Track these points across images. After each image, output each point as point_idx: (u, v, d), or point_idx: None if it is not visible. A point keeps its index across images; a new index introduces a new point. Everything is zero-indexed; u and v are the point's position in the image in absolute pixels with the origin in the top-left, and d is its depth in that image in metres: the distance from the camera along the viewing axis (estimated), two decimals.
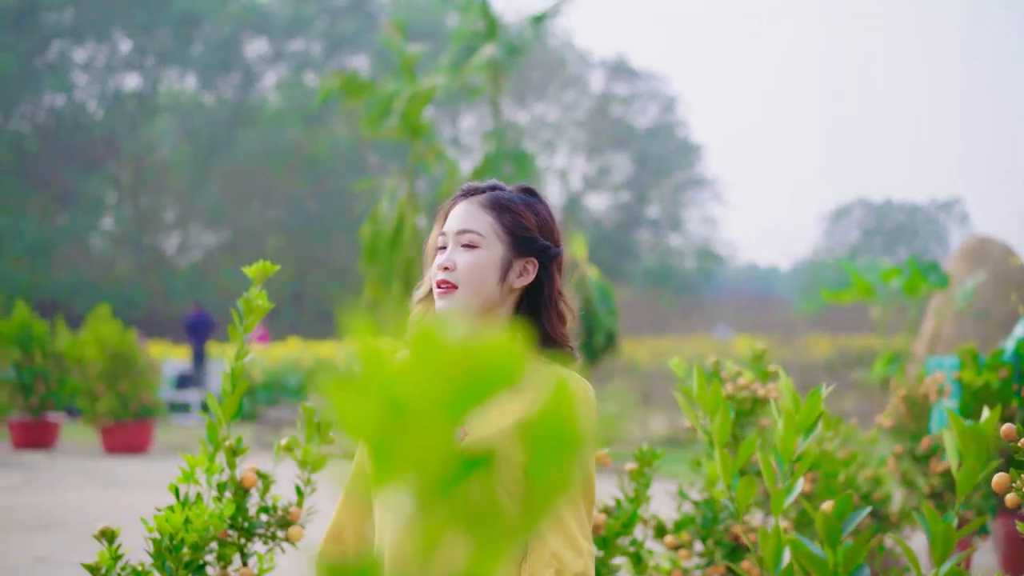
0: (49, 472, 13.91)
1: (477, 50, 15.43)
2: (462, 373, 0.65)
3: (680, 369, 4.23)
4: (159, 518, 2.77)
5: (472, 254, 2.46)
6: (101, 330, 16.50)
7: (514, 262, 2.50)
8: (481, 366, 0.65)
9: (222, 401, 2.94)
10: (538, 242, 2.53)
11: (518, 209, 2.53)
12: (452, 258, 2.47)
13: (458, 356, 0.66)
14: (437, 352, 0.66)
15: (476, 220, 2.50)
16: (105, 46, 46.87)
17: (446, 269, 2.46)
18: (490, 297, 2.47)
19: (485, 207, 2.52)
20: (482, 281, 2.46)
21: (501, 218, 2.51)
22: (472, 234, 2.48)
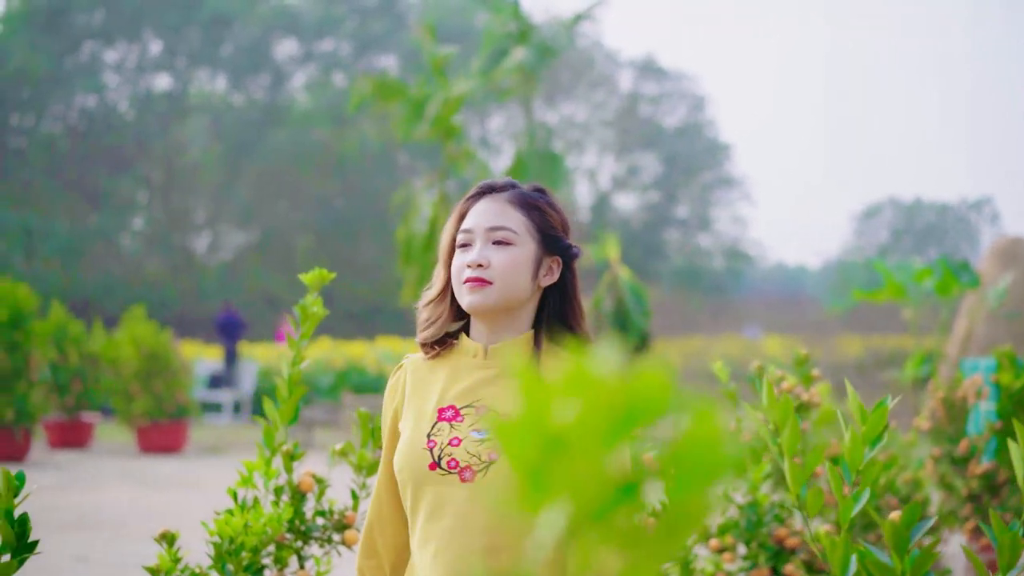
0: (86, 472, 14.03)
1: (509, 52, 15.46)
2: (616, 405, 0.68)
3: (723, 374, 4.26)
4: (219, 522, 2.82)
5: (508, 251, 2.47)
6: (136, 331, 16.64)
7: (543, 260, 2.52)
8: (633, 399, 0.69)
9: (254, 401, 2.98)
10: (563, 241, 2.55)
11: (545, 208, 2.55)
12: (485, 255, 2.46)
13: (611, 389, 0.69)
14: (591, 385, 0.69)
15: (508, 217, 2.50)
16: (136, 47, 47.11)
17: (480, 266, 2.45)
18: (522, 295, 2.49)
19: (514, 204, 2.53)
20: (517, 278, 2.47)
21: (531, 215, 2.52)
22: (506, 231, 2.48)
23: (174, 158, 45.86)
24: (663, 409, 0.67)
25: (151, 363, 16.42)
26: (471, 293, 2.46)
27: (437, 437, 2.41)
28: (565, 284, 2.56)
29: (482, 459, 2.36)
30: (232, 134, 45.08)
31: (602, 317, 15.28)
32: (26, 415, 14.75)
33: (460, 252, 2.51)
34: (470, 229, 2.51)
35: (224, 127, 45.51)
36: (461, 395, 2.47)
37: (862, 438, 1.82)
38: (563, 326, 2.55)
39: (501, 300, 2.46)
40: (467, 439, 2.39)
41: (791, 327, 27.10)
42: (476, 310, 2.47)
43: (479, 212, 2.53)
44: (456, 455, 2.38)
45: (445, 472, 2.37)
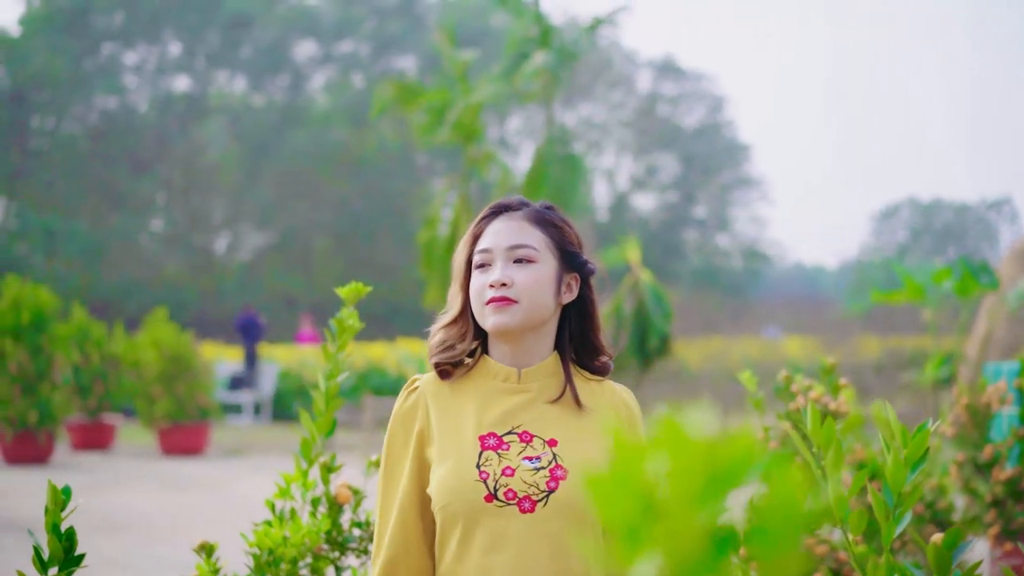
0: (109, 473, 14.11)
1: (529, 56, 15.49)
2: (708, 466, 0.72)
3: (751, 383, 4.29)
4: (259, 533, 2.86)
5: (531, 270, 2.44)
6: (158, 333, 16.73)
7: (563, 277, 2.51)
8: (725, 459, 0.72)
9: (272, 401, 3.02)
10: (580, 257, 2.54)
11: (561, 224, 2.54)
12: (508, 274, 2.43)
13: (704, 450, 0.72)
14: (684, 446, 0.73)
15: (529, 235, 2.48)
16: (156, 48, 47.29)
17: (504, 285, 2.42)
18: (546, 313, 2.46)
19: (532, 222, 2.51)
20: (541, 296, 2.44)
21: (550, 233, 2.51)
22: (528, 249, 2.46)
23: (194, 159, 46.02)
24: (751, 471, 0.70)
25: (173, 365, 16.51)
26: (496, 314, 2.43)
27: (488, 468, 2.36)
28: (584, 301, 2.55)
29: (541, 488, 2.33)
30: (251, 135, 45.21)
31: (623, 320, 15.29)
32: (49, 417, 14.84)
33: (479, 273, 2.48)
34: (488, 249, 2.48)
35: (243, 128, 45.64)
36: (499, 421, 2.43)
37: (905, 461, 1.85)
38: (584, 344, 2.55)
39: (527, 320, 2.43)
40: (521, 468, 2.36)
41: (810, 328, 27.04)
42: (501, 331, 2.44)
43: (497, 231, 2.50)
44: (512, 485, 2.34)
45: (503, 504, 2.33)
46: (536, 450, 2.38)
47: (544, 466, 2.36)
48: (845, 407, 4.53)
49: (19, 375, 14.71)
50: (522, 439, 2.40)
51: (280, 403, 22.72)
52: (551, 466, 2.35)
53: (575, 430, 2.43)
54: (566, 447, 2.39)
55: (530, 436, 2.40)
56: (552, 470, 2.35)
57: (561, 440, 2.40)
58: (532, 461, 2.36)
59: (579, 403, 2.45)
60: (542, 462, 2.36)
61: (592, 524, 2.34)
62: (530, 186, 15.60)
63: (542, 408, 2.44)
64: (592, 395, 2.50)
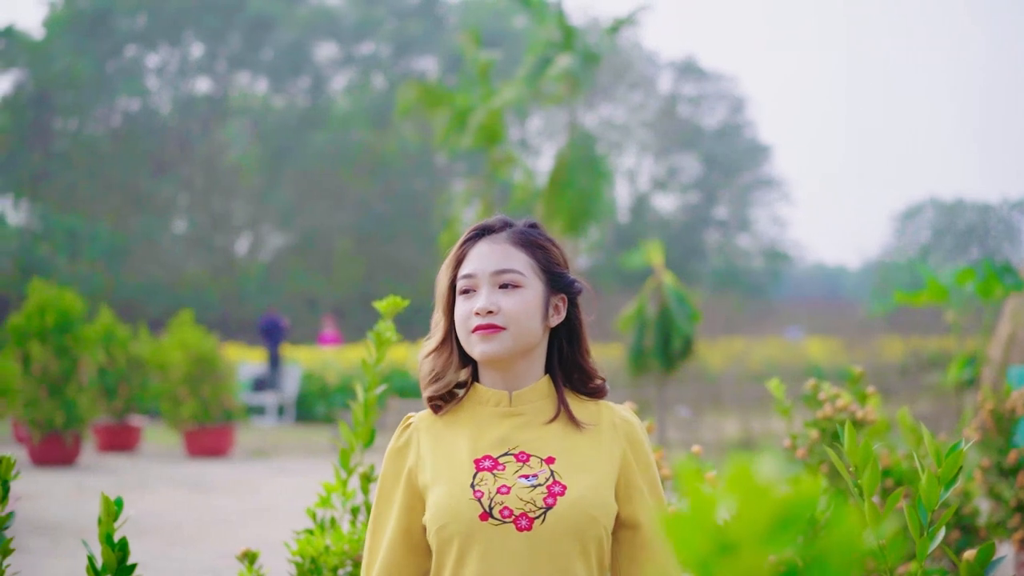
0: (136, 476, 14.21)
1: (552, 59, 15.55)
2: (775, 510, 0.78)
3: (779, 391, 4.34)
4: (302, 542, 2.93)
5: (517, 295, 2.39)
6: (184, 335, 16.84)
7: (551, 300, 2.45)
8: (789, 503, 0.78)
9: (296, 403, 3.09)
10: (567, 277, 2.47)
11: (547, 245, 2.48)
12: (495, 300, 2.37)
13: (770, 494, 0.79)
14: (753, 492, 0.79)
15: (513, 259, 2.42)
16: (177, 50, 47.53)
17: (490, 312, 2.36)
18: (534, 338, 2.42)
19: (517, 245, 2.44)
20: (529, 321, 2.39)
21: (535, 255, 2.45)
22: (514, 274, 2.40)
23: (215, 161, 46.22)
24: (815, 514, 0.77)
25: (198, 367, 16.62)
26: (483, 342, 2.38)
27: (483, 487, 2.32)
28: (572, 321, 2.50)
29: (538, 505, 2.29)
30: (272, 136, 45.38)
31: (646, 323, 15.33)
32: (76, 419, 14.96)
33: (463, 299, 2.42)
34: (472, 274, 2.42)
35: (264, 129, 45.82)
36: (494, 445, 2.39)
37: (938, 479, 1.91)
38: (574, 367, 2.49)
39: (515, 346, 2.39)
40: (516, 486, 2.31)
41: (832, 329, 27.01)
42: (490, 359, 2.40)
43: (480, 256, 2.44)
44: (508, 503, 2.29)
45: (499, 521, 2.28)
46: (533, 468, 2.34)
47: (541, 483, 2.31)
48: (873, 415, 4.57)
49: (45, 377, 14.83)
50: (518, 459, 2.36)
51: (303, 404, 22.83)
52: (548, 483, 2.31)
53: (574, 448, 2.38)
54: (564, 464, 2.35)
55: (527, 456, 2.37)
56: (550, 487, 2.31)
57: (559, 457, 2.36)
58: (529, 479, 2.33)
59: (576, 422, 2.41)
60: (539, 479, 2.32)
61: (595, 539, 2.30)
62: (553, 190, 15.65)
63: (538, 429, 2.41)
64: (590, 414, 2.45)
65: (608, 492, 2.33)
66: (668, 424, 16.33)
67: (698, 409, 18.03)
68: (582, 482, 2.32)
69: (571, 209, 15.39)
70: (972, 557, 1.83)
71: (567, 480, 2.32)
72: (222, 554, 9.08)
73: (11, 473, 2.52)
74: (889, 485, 5.52)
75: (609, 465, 2.37)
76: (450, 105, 16.23)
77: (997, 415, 6.82)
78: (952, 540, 6.08)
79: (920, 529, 1.88)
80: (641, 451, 2.42)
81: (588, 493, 2.31)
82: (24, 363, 14.93)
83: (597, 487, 2.32)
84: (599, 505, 2.31)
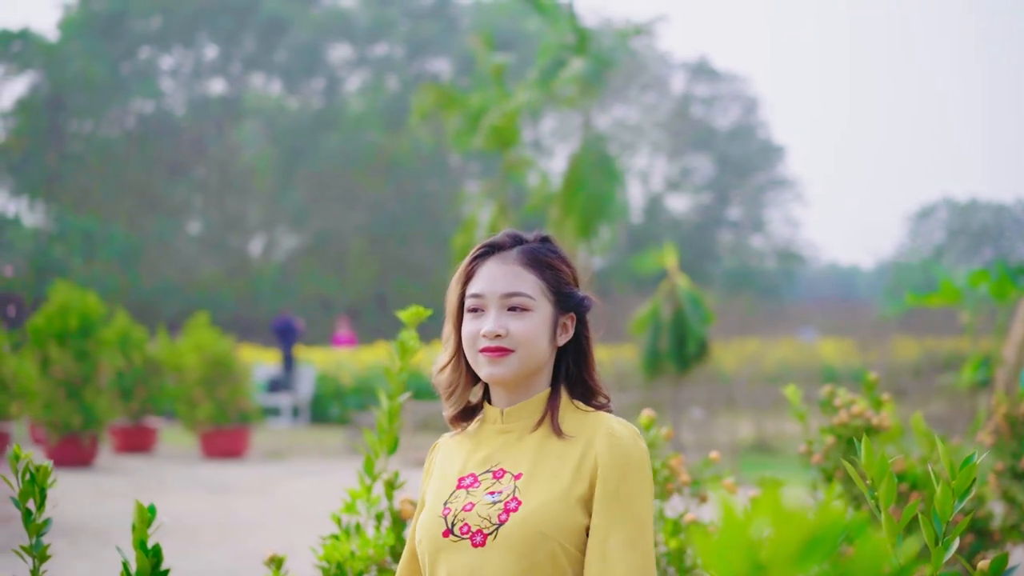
0: (153, 477, 14.30)
1: (566, 62, 15.60)
2: (803, 533, 0.84)
3: (795, 396, 4.38)
4: (328, 547, 2.99)
5: (526, 319, 2.39)
6: (200, 338, 16.93)
7: (559, 320, 2.44)
8: (816, 528, 0.84)
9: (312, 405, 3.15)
10: (576, 296, 2.46)
11: (557, 264, 2.46)
12: (503, 324, 2.37)
13: (799, 519, 0.85)
14: (783, 516, 0.85)
15: (523, 282, 2.41)
16: (191, 52, 47.71)
17: (498, 336, 2.37)
18: (542, 359, 2.42)
19: (527, 266, 2.43)
20: (537, 345, 2.39)
21: (544, 276, 2.43)
22: (523, 297, 2.39)
23: (229, 162, 46.37)
24: (840, 537, 0.82)
25: (214, 369, 16.71)
26: (490, 364, 2.38)
27: (452, 504, 2.37)
28: (580, 338, 2.49)
29: (492, 522, 2.30)
30: (286, 138, 45.51)
31: (661, 325, 15.38)
32: (93, 421, 15.06)
33: (471, 318, 2.42)
34: (481, 294, 2.42)
35: (278, 131, 45.95)
36: (481, 462, 2.43)
37: (953, 491, 1.96)
38: (579, 383, 2.48)
39: (522, 369, 2.39)
40: (480, 503, 2.34)
41: (846, 329, 26.97)
42: (496, 381, 2.41)
43: (490, 276, 2.43)
44: (468, 520, 2.32)
45: (458, 538, 2.32)
46: (502, 485, 2.36)
47: (502, 499, 2.32)
48: (887, 421, 4.62)
49: (64, 379, 14.94)
50: (495, 476, 2.38)
51: (318, 406, 22.91)
52: (507, 499, 2.31)
53: (544, 462, 2.37)
54: (530, 479, 2.34)
55: (503, 472, 2.38)
56: (507, 503, 2.31)
57: (528, 473, 2.35)
58: (494, 495, 2.34)
59: (558, 432, 2.38)
60: (502, 495, 2.33)
61: (549, 556, 2.27)
62: (566, 192, 15.71)
63: (523, 443, 2.41)
64: (580, 425, 2.40)
65: (565, 508, 2.28)
66: (682, 426, 16.37)
67: (712, 411, 18.05)
68: (537, 498, 2.30)
69: (584, 211, 15.45)
70: (986, 567, 1.89)
71: (524, 496, 2.31)
72: (241, 555, 9.15)
73: (48, 480, 2.59)
74: (903, 489, 5.56)
75: (575, 481, 2.31)
76: (464, 107, 16.30)
77: (1011, 418, 6.85)
78: (965, 544, 6.11)
79: (935, 539, 1.94)
80: (613, 472, 2.31)
81: (539, 509, 2.28)
82: (42, 365, 15.04)
83: (551, 503, 2.28)
84: (549, 522, 2.27)
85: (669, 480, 3.89)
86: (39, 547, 2.61)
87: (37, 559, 2.62)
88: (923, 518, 1.92)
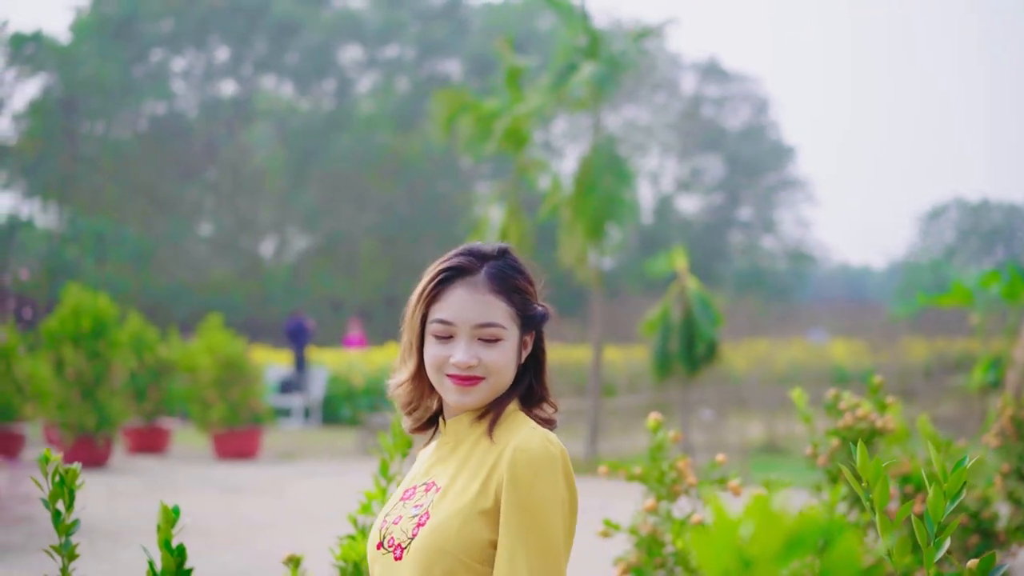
0: (166, 478, 14.42)
1: (578, 66, 15.70)
2: (785, 534, 0.93)
3: (800, 400, 4.47)
4: (345, 547, 3.08)
5: (498, 349, 2.38)
6: (213, 339, 17.05)
7: (523, 339, 2.45)
8: (797, 529, 0.93)
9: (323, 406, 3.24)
10: (539, 315, 2.45)
11: (523, 286, 2.45)
12: (475, 354, 2.36)
13: (782, 521, 0.94)
14: (768, 516, 0.94)
15: (495, 311, 2.39)
16: (203, 54, 47.90)
17: (470, 367, 2.36)
18: (507, 383, 2.42)
19: (496, 293, 2.40)
20: (507, 372, 2.40)
21: (513, 301, 2.42)
22: (496, 328, 2.38)
23: (240, 164, 46.52)
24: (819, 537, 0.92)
25: (227, 371, 16.83)
26: (460, 393, 2.38)
27: (390, 516, 2.41)
28: (536, 351, 2.49)
29: (408, 536, 2.32)
30: (297, 139, 45.66)
31: (671, 327, 15.47)
32: (107, 422, 15.20)
33: (437, 342, 2.40)
34: (452, 322, 2.39)
35: (289, 132, 46.11)
36: (422, 474, 2.46)
37: (944, 493, 2.05)
38: (530, 391, 2.48)
39: (491, 395, 2.40)
40: (405, 516, 2.37)
41: (856, 330, 27.00)
42: (465, 408, 2.42)
43: (460, 304, 2.40)
44: (394, 533, 2.35)
45: (386, 551, 2.36)
46: (425, 498, 2.38)
47: (418, 514, 2.35)
48: (892, 424, 4.69)
49: (78, 381, 15.07)
50: (426, 489, 2.41)
51: (329, 407, 23.04)
52: (422, 514, 2.34)
53: (459, 475, 2.37)
54: (443, 493, 2.36)
55: (432, 485, 2.40)
56: (420, 517, 2.33)
57: (445, 487, 2.36)
58: (416, 508, 2.37)
59: (491, 437, 2.38)
60: (420, 510, 2.36)
61: (448, 572, 2.27)
62: (578, 195, 15.79)
63: (456, 454, 2.42)
64: (507, 436, 2.37)
65: (465, 523, 2.28)
66: (692, 427, 16.45)
67: (722, 412, 18.14)
68: (441, 512, 2.31)
69: (596, 213, 15.53)
70: (975, 566, 1.98)
71: (433, 510, 2.33)
72: (256, 555, 9.25)
73: (76, 482, 2.68)
74: (909, 491, 5.64)
75: (479, 495, 2.31)
76: (479, 112, 16.40)
77: (1017, 421, 6.94)
78: (971, 545, 6.20)
79: (927, 539, 2.03)
80: (515, 488, 2.28)
81: (441, 525, 2.29)
82: (56, 366, 15.17)
83: (452, 518, 2.29)
84: (449, 537, 2.27)
85: (676, 482, 3.97)
86: (68, 546, 2.71)
87: (66, 558, 2.72)
88: (916, 521, 2.01)
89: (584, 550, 9.71)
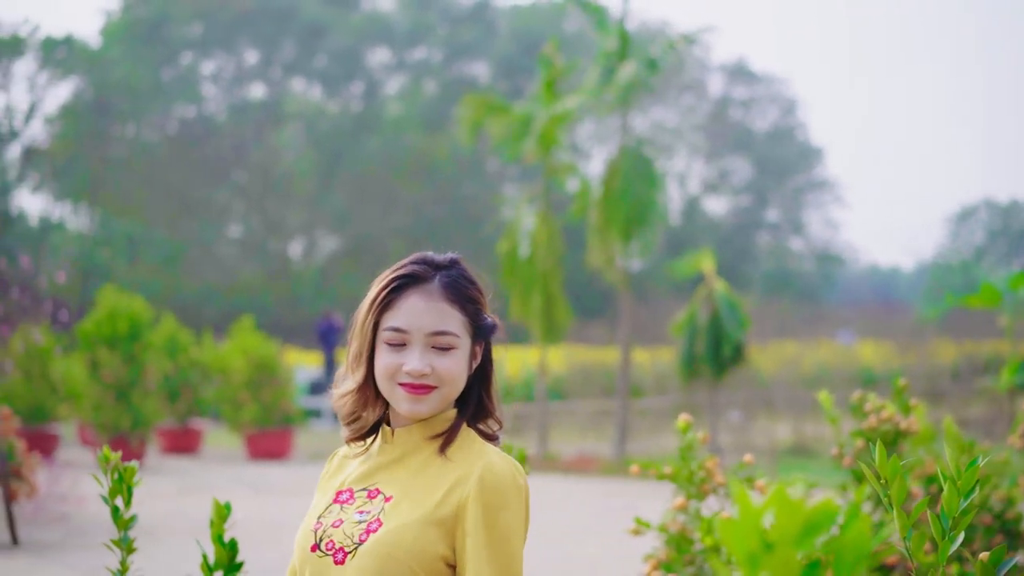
0: (199, 478, 14.59)
1: (614, 69, 15.80)
2: (802, 520, 1.05)
3: (827, 402, 4.57)
4: None
5: (451, 357, 2.38)
6: (245, 341, 17.24)
7: (474, 349, 2.45)
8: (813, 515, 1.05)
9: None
10: (489, 325, 2.47)
11: (476, 295, 2.46)
12: (428, 362, 2.36)
13: (799, 509, 1.06)
14: (788, 504, 1.06)
15: (449, 320, 2.40)
16: (232, 58, 48.23)
17: (424, 375, 2.36)
18: (458, 391, 2.43)
19: (450, 302, 2.42)
20: (460, 380, 2.40)
21: (467, 310, 2.43)
22: (450, 336, 2.39)
23: (269, 166, 46.81)
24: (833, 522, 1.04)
25: (259, 372, 17.01)
26: (412, 402, 2.38)
27: (325, 519, 2.40)
28: (484, 362, 2.50)
29: (354, 541, 2.32)
30: (326, 142, 45.92)
31: (698, 329, 15.57)
32: (142, 422, 15.41)
33: (390, 351, 2.40)
34: (405, 330, 2.39)
35: (318, 135, 46.38)
36: (361, 478, 2.44)
37: (958, 490, 2.17)
38: (479, 403, 2.49)
39: (442, 405, 2.41)
40: (348, 521, 2.36)
41: (885, 332, 27.00)
42: (416, 417, 2.42)
43: (414, 312, 2.40)
44: (334, 537, 2.35)
45: (323, 554, 2.35)
46: (371, 505, 2.38)
47: (367, 520, 2.35)
48: (916, 426, 4.78)
49: (113, 382, 15.28)
50: (369, 495, 2.40)
51: None
52: (372, 520, 2.34)
53: (415, 487, 2.38)
54: (398, 502, 2.36)
55: (377, 492, 2.40)
56: (370, 523, 2.33)
57: (398, 496, 2.37)
58: (361, 515, 2.37)
59: (444, 454, 2.39)
60: (368, 515, 2.36)
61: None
62: (606, 198, 15.90)
63: (404, 464, 2.43)
64: (464, 454, 2.40)
65: (421, 533, 2.29)
66: (720, 428, 16.54)
67: (750, 413, 18.21)
68: (396, 521, 2.31)
69: (626, 217, 15.63)
70: (986, 558, 2.10)
71: (386, 518, 2.33)
72: (287, 555, 9.37)
73: (134, 479, 2.82)
74: (934, 491, 5.73)
75: (438, 508, 2.31)
76: (508, 116, 16.52)
77: None
78: (995, 544, 6.26)
79: (943, 533, 2.15)
80: (484, 509, 2.30)
81: (395, 532, 2.30)
82: (91, 368, 15.38)
83: (408, 527, 2.30)
84: (403, 546, 2.28)
85: (705, 481, 4.09)
86: (126, 541, 2.85)
87: (125, 551, 2.86)
88: (932, 516, 2.13)
89: (615, 547, 9.80)
